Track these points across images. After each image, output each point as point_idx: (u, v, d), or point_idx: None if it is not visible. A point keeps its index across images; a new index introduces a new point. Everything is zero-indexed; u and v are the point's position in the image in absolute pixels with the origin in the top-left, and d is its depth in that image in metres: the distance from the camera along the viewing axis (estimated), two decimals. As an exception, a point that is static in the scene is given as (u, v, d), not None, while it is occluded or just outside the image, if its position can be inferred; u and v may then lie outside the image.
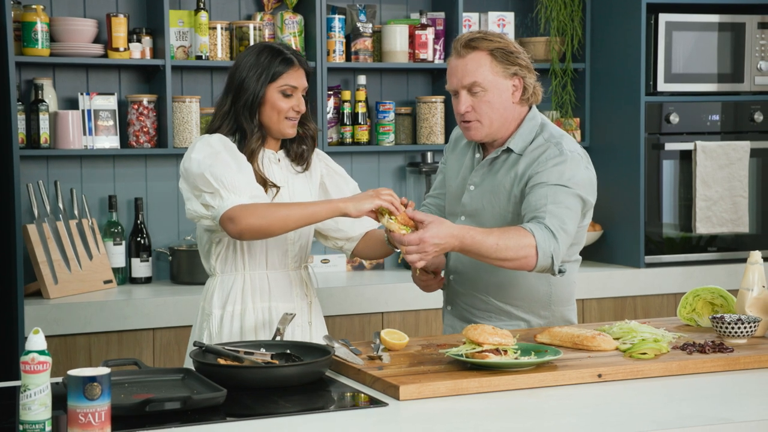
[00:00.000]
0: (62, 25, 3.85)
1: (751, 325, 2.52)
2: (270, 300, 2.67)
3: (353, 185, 2.82)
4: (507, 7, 4.52)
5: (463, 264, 2.72)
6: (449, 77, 2.65)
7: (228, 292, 2.67)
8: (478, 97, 2.60)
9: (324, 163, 2.80)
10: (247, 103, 2.61)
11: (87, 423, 1.76)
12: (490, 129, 2.63)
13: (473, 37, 2.61)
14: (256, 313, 2.66)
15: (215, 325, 2.66)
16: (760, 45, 4.36)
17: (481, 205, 2.68)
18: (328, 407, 2.11)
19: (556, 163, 2.56)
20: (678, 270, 4.26)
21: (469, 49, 2.60)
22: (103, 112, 3.92)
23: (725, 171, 4.28)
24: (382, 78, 4.40)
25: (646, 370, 2.27)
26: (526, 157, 2.62)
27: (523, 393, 2.14)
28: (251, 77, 2.61)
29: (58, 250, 3.75)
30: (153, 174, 4.09)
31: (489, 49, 2.59)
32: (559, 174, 2.54)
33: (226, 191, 2.49)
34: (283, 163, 2.72)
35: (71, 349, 3.53)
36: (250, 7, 4.21)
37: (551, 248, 2.45)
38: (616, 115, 4.35)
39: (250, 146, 2.62)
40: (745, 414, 2.02)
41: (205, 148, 2.57)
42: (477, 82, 2.59)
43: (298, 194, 2.70)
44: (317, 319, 2.78)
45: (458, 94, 2.63)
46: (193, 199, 2.55)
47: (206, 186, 2.52)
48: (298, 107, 2.64)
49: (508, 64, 2.60)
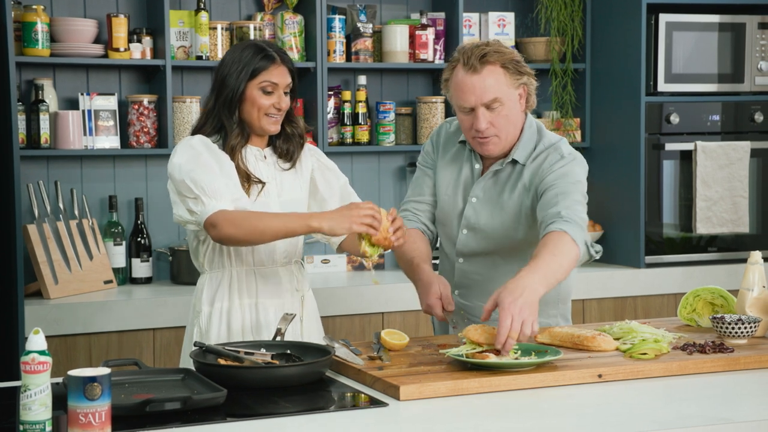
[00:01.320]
0: (62, 25, 3.85)
1: (751, 325, 2.52)
2: (257, 296, 2.67)
3: (344, 180, 2.80)
4: (507, 8, 4.52)
5: (469, 278, 2.71)
6: (463, 94, 2.55)
7: (216, 289, 2.67)
8: (497, 112, 2.56)
9: (315, 158, 2.79)
10: (227, 99, 2.61)
11: (87, 423, 1.76)
12: (506, 142, 2.62)
13: (486, 51, 2.54)
14: (243, 309, 2.66)
15: (204, 322, 2.67)
16: (761, 45, 4.36)
17: (485, 218, 2.66)
18: (329, 407, 2.10)
19: (562, 166, 2.59)
20: (678, 270, 4.26)
21: (485, 63, 2.53)
22: (104, 113, 3.92)
23: (725, 171, 4.28)
24: (383, 78, 4.40)
25: (647, 371, 2.27)
26: (529, 166, 2.63)
27: (524, 393, 2.14)
28: (232, 74, 2.61)
29: (59, 250, 3.75)
30: (153, 174, 4.09)
31: (502, 62, 2.55)
32: (563, 174, 2.57)
33: (207, 197, 2.51)
34: (270, 160, 2.71)
35: (71, 349, 3.53)
36: (250, 7, 4.21)
37: (583, 237, 2.46)
38: (616, 116, 4.35)
39: (230, 142, 2.62)
40: (745, 414, 2.02)
41: (186, 151, 2.57)
42: (498, 98, 2.54)
43: (286, 190, 2.70)
44: (310, 316, 2.76)
45: (474, 111, 2.56)
46: (178, 203, 2.58)
47: (188, 192, 2.53)
48: (278, 104, 2.62)
49: (518, 75, 2.57)
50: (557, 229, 2.43)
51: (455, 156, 2.74)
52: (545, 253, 2.38)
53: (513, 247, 2.66)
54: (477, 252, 2.69)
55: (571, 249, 2.41)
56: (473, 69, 2.54)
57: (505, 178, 2.66)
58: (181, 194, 2.55)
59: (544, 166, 2.60)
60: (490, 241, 2.67)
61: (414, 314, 3.91)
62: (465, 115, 2.59)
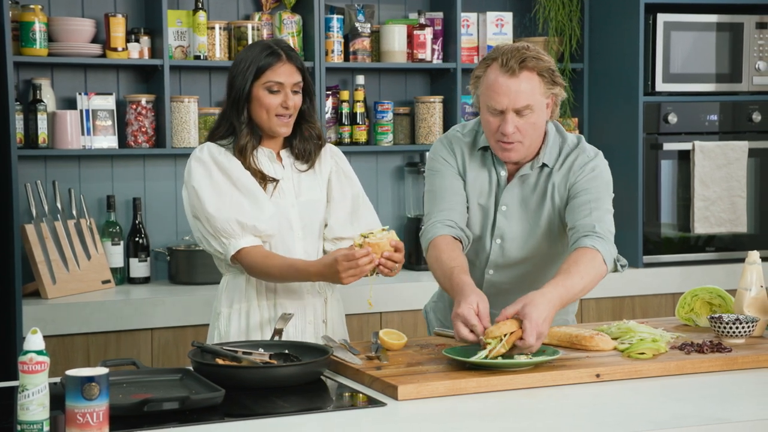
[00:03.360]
0: (60, 24, 3.84)
1: (749, 324, 2.52)
2: (276, 297, 2.67)
3: (358, 189, 2.77)
4: (505, 7, 4.52)
5: (498, 288, 2.66)
6: (497, 95, 2.48)
7: (235, 291, 2.67)
8: (525, 119, 2.50)
9: (335, 160, 2.76)
10: (235, 99, 2.61)
11: (85, 423, 1.76)
12: (529, 149, 2.57)
13: (526, 55, 2.47)
14: (261, 310, 2.65)
15: (224, 323, 2.67)
16: (759, 45, 4.36)
17: (517, 227, 2.60)
18: (327, 407, 2.11)
19: (592, 168, 2.59)
20: (676, 270, 4.26)
21: (523, 68, 2.46)
22: (102, 112, 3.91)
23: (723, 171, 4.29)
24: (381, 78, 4.40)
25: (644, 370, 2.27)
26: (558, 170, 2.60)
27: (522, 393, 2.14)
28: (239, 74, 2.61)
29: (56, 250, 3.74)
30: (151, 174, 4.09)
31: (539, 69, 2.48)
32: (594, 177, 2.58)
33: (226, 238, 2.58)
34: (286, 162, 2.70)
35: (69, 349, 3.53)
36: (248, 6, 4.21)
37: (613, 254, 2.50)
38: (614, 115, 4.35)
39: (239, 143, 2.61)
40: (742, 414, 2.02)
41: (203, 181, 2.59)
42: (530, 105, 2.48)
43: (304, 191, 2.69)
44: (334, 320, 2.76)
45: (503, 114, 2.49)
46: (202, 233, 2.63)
47: (210, 227, 2.59)
48: (285, 103, 2.60)
49: (552, 84, 2.52)
50: (590, 245, 2.45)
51: (479, 163, 2.65)
52: (575, 273, 2.39)
53: (544, 255, 2.64)
54: (510, 262, 2.65)
55: (600, 269, 2.46)
56: (511, 72, 2.47)
57: (533, 184, 2.61)
58: (202, 226, 2.61)
59: (574, 168, 2.59)
60: (522, 250, 2.63)
61: (412, 314, 3.91)
62: (493, 116, 2.51)
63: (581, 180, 2.57)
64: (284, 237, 2.65)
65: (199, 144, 3.98)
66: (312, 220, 2.69)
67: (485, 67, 2.53)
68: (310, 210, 2.68)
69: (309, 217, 2.69)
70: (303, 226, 2.67)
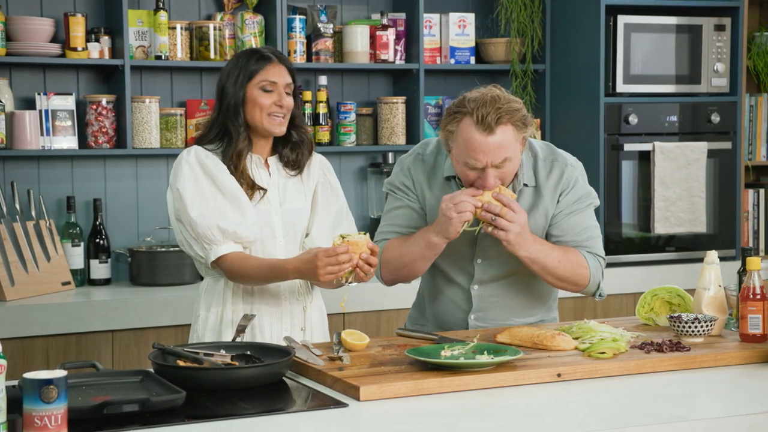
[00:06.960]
0: (19, 24, 3.80)
1: (707, 324, 2.54)
2: (252, 303, 2.67)
3: (342, 202, 2.79)
4: (468, 8, 4.53)
5: (487, 302, 2.69)
6: (475, 153, 2.46)
7: (214, 294, 2.68)
8: (504, 167, 2.50)
9: (323, 171, 2.78)
10: (230, 105, 2.63)
11: (43, 426, 1.74)
12: (504, 184, 2.57)
13: (501, 110, 2.44)
14: (235, 315, 2.65)
15: (201, 326, 2.68)
16: (717, 47, 4.41)
17: (500, 245, 2.56)
18: (289, 408, 2.10)
19: (575, 180, 2.66)
20: (637, 270, 4.29)
21: (499, 124, 2.45)
22: (61, 113, 3.88)
23: (683, 172, 4.33)
24: (343, 78, 4.39)
25: (605, 370, 2.28)
26: (541, 188, 2.63)
27: (484, 393, 2.15)
28: (231, 81, 2.64)
29: (15, 252, 3.70)
30: (112, 175, 4.05)
31: (513, 121, 2.46)
32: (579, 193, 2.66)
33: (208, 244, 2.59)
34: (273, 168, 2.71)
35: (28, 351, 3.49)
36: (210, 7, 4.19)
37: (600, 277, 2.61)
38: (575, 116, 4.38)
39: (237, 147, 2.62)
40: (701, 412, 2.04)
41: (188, 184, 2.59)
42: (508, 157, 2.48)
43: (289, 199, 2.70)
44: (316, 326, 2.75)
45: (483, 170, 2.48)
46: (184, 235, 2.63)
47: (192, 232, 2.59)
48: (280, 102, 2.63)
49: (524, 128, 2.50)
50: (584, 255, 2.64)
51: (443, 185, 2.65)
52: (559, 249, 2.57)
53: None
54: (494, 278, 2.68)
55: (579, 275, 2.61)
56: (489, 130, 2.44)
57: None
58: (185, 229, 2.61)
59: (562, 183, 2.64)
60: (506, 266, 2.66)
61: (375, 314, 3.91)
62: (470, 170, 2.50)
63: (568, 194, 2.65)
64: (266, 244, 2.66)
65: (164, 145, 3.97)
66: (295, 228, 2.71)
67: (457, 121, 2.49)
68: (294, 218, 2.70)
69: (292, 225, 2.70)
70: (285, 234, 2.69)
